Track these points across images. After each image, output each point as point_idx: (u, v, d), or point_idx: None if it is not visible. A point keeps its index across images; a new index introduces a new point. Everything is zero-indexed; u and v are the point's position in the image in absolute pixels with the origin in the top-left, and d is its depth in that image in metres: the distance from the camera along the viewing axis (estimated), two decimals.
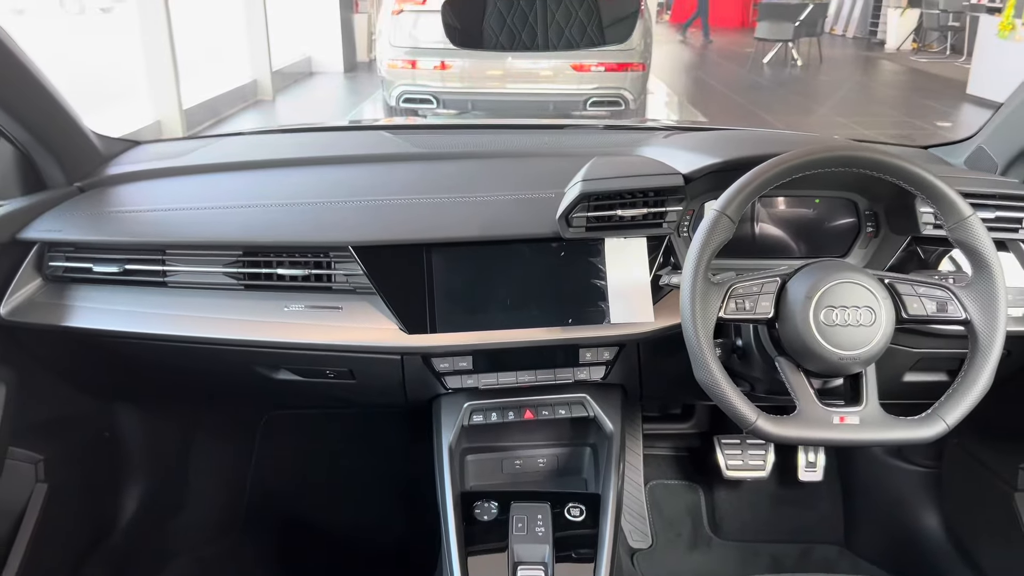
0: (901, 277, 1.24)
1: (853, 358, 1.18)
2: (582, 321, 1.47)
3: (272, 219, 1.50)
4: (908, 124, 8.71)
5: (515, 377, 1.53)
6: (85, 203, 1.56)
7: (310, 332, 1.44)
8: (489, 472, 1.66)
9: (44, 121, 1.47)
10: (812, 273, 1.23)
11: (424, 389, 1.55)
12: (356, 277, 1.47)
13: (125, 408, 1.90)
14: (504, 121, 2.13)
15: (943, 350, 1.50)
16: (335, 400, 1.71)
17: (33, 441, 1.59)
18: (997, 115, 1.64)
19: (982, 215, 1.39)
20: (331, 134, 2.11)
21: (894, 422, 1.20)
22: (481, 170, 1.66)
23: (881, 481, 2.12)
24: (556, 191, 1.49)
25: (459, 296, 1.47)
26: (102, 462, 1.87)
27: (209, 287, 1.49)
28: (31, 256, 1.49)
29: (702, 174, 1.45)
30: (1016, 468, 1.68)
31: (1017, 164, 1.58)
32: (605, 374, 1.55)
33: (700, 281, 1.21)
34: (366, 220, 1.48)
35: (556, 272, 1.48)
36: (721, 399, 1.20)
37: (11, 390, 1.45)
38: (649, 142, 1.72)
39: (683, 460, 2.33)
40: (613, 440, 1.57)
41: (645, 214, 1.46)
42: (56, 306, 1.48)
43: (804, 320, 1.19)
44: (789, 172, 1.22)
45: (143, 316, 1.46)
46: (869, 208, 1.54)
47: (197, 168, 1.69)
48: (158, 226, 1.51)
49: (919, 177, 1.21)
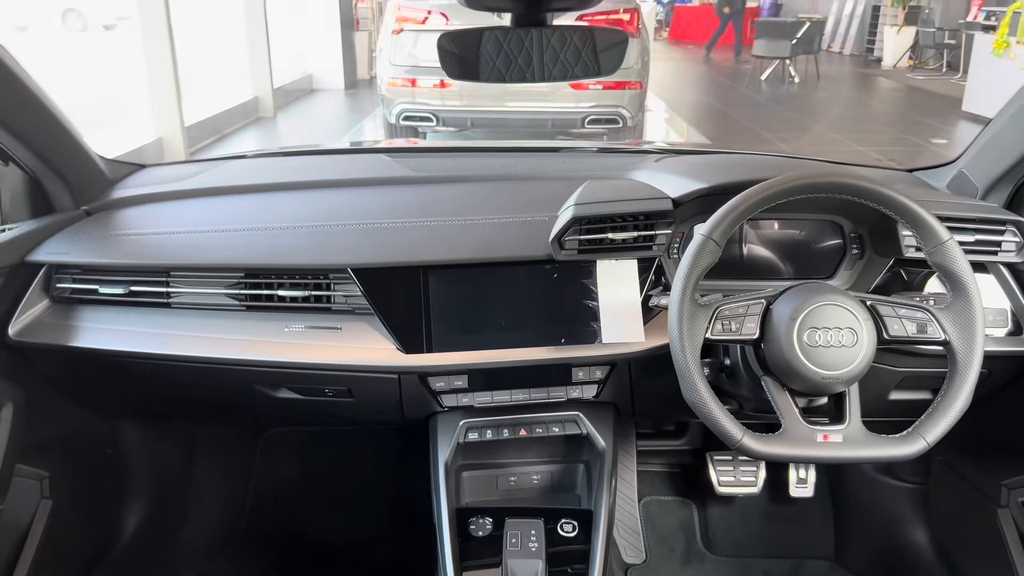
0: (882, 299, 1.29)
1: (836, 378, 1.22)
2: (575, 341, 1.51)
3: (273, 242, 1.54)
4: (904, 141, 8.78)
5: (509, 395, 1.56)
6: (92, 226, 1.60)
7: (310, 352, 1.48)
8: (484, 488, 1.69)
9: (53, 147, 1.52)
10: (796, 295, 1.27)
11: (421, 407, 1.59)
12: (355, 298, 1.51)
13: (128, 425, 1.94)
14: (500, 144, 2.18)
15: (926, 369, 1.53)
16: (334, 418, 1.74)
17: (38, 458, 1.62)
18: (977, 141, 1.68)
19: (962, 238, 1.44)
20: (331, 157, 2.15)
21: (876, 440, 1.24)
22: (477, 193, 1.71)
23: (871, 497, 2.16)
24: (550, 214, 1.53)
25: (455, 316, 1.51)
26: (105, 478, 1.90)
27: (212, 308, 1.53)
28: (39, 278, 1.53)
29: (691, 198, 1.50)
30: (999, 485, 1.72)
31: (997, 188, 1.62)
32: (597, 392, 1.59)
33: (687, 303, 1.25)
34: (365, 243, 1.53)
35: (549, 293, 1.52)
36: (708, 417, 1.24)
37: (18, 408, 1.49)
38: (640, 166, 1.77)
39: (676, 476, 2.36)
40: (605, 457, 1.61)
41: (636, 237, 1.50)
42: (63, 326, 1.52)
43: (788, 341, 1.23)
44: (774, 198, 1.27)
45: (148, 336, 1.50)
46: (854, 231, 1.59)
47: (200, 192, 1.74)
48: (162, 249, 1.55)
49: (898, 203, 1.25)
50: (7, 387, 1.48)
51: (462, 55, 1.16)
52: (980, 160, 1.67)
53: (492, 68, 1.17)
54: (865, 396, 1.30)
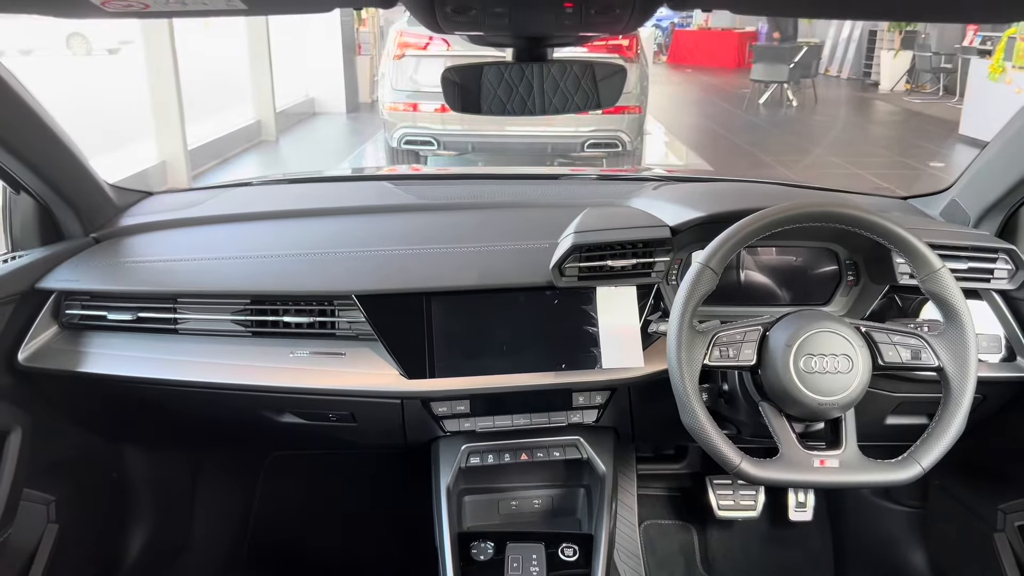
0: (877, 326, 1.31)
1: (832, 404, 1.24)
2: (575, 366, 1.54)
3: (279, 269, 1.57)
4: (902, 164, 8.83)
5: (511, 420, 1.58)
6: (100, 253, 1.63)
7: (314, 377, 1.51)
8: (486, 512, 1.70)
9: (63, 176, 1.55)
10: (792, 322, 1.29)
11: (423, 432, 1.61)
12: (359, 324, 1.53)
13: (133, 449, 1.96)
14: (501, 171, 2.21)
15: (922, 394, 1.55)
16: (337, 442, 1.76)
17: (45, 482, 1.64)
18: (968, 170, 1.72)
19: (954, 266, 1.47)
20: (335, 184, 2.19)
21: (872, 465, 1.26)
22: (479, 221, 1.74)
23: (869, 521, 2.17)
24: (550, 241, 1.56)
25: (457, 342, 1.53)
26: (110, 502, 1.92)
27: (218, 334, 1.56)
28: (48, 304, 1.56)
29: (688, 226, 1.53)
30: (995, 509, 1.73)
31: (989, 217, 1.65)
32: (597, 417, 1.61)
33: (685, 330, 1.28)
34: (369, 270, 1.55)
35: (550, 319, 1.55)
36: (706, 443, 1.26)
37: (27, 433, 1.51)
38: (639, 193, 1.80)
39: (676, 500, 2.37)
40: (605, 481, 1.63)
41: (635, 264, 1.53)
42: (72, 352, 1.54)
43: (785, 367, 1.25)
44: (769, 227, 1.30)
45: (155, 362, 1.53)
46: (849, 258, 1.61)
47: (207, 219, 1.77)
48: (170, 276, 1.58)
49: (891, 232, 1.28)
50: (16, 412, 1.51)
51: (464, 84, 1.19)
52: (972, 189, 1.70)
53: (494, 97, 1.20)
54: (862, 421, 1.32)
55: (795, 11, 1.07)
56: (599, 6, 0.87)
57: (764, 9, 1.03)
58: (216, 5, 0.93)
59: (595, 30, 1.02)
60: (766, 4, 1.01)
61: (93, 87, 13.94)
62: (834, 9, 1.00)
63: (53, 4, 0.95)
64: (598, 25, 0.96)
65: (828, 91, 15.67)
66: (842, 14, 1.05)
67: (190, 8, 0.94)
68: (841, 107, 14.13)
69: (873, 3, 1.00)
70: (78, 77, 15.08)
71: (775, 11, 1.04)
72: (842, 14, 1.05)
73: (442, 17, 0.89)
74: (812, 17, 1.09)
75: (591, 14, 0.90)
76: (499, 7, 0.89)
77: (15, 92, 1.33)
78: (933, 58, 14.05)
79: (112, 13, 0.94)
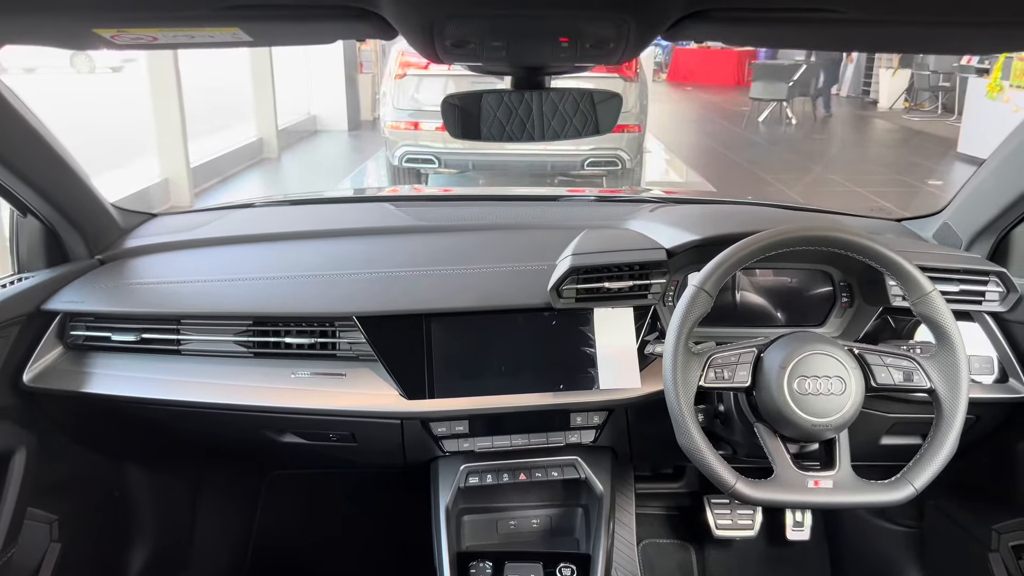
0: (870, 348, 1.33)
1: (826, 425, 1.26)
2: (573, 387, 1.56)
3: (281, 290, 1.59)
4: (900, 182, 8.87)
5: (509, 440, 1.60)
6: (105, 275, 1.65)
7: (315, 398, 1.53)
8: (484, 532, 1.72)
9: (70, 199, 1.58)
10: (786, 344, 1.31)
11: (423, 452, 1.63)
12: (359, 345, 1.55)
13: (135, 468, 1.97)
14: (501, 192, 2.24)
15: (916, 415, 1.57)
16: (337, 461, 1.78)
17: (48, 501, 1.65)
18: (960, 193, 1.74)
19: (946, 288, 1.49)
20: (337, 206, 2.22)
21: (865, 486, 1.27)
22: (478, 242, 1.77)
23: (866, 541, 2.17)
24: (548, 263, 1.59)
25: (456, 363, 1.55)
26: (112, 521, 1.93)
27: (221, 355, 1.58)
28: (54, 326, 1.58)
29: (684, 249, 1.55)
30: (990, 529, 1.74)
31: (980, 239, 1.68)
32: (595, 437, 1.62)
33: (681, 351, 1.30)
34: (369, 291, 1.58)
35: (548, 340, 1.57)
36: (702, 463, 1.28)
37: (31, 453, 1.53)
38: (636, 215, 1.83)
39: (674, 519, 2.38)
40: (603, 501, 1.64)
41: (631, 286, 1.55)
42: (76, 373, 1.56)
43: (779, 389, 1.27)
44: (764, 251, 1.32)
45: (158, 382, 1.55)
46: (843, 280, 1.64)
47: (210, 241, 1.79)
48: (173, 297, 1.60)
49: (883, 255, 1.30)
50: (21, 433, 1.52)
51: (464, 109, 1.22)
52: (963, 212, 1.73)
53: (493, 121, 1.22)
54: (857, 441, 1.34)
55: (789, 44, 1.09)
56: (594, 40, 0.90)
57: (757, 42, 1.06)
58: (222, 38, 0.96)
59: (590, 61, 1.04)
60: (759, 37, 1.04)
61: (96, 105, 14.03)
62: (829, 43, 1.03)
63: (65, 37, 0.98)
64: (593, 57, 0.98)
65: None
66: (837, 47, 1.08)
67: (197, 41, 0.97)
68: (840, 125, 14.20)
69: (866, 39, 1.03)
70: (82, 95, 15.17)
71: (768, 44, 1.06)
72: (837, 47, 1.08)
73: (441, 50, 0.92)
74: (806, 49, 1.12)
75: (586, 47, 0.93)
76: (497, 41, 0.91)
77: (21, 116, 1.36)
78: (931, 77, 14.14)
79: (122, 45, 0.98)
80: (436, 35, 0.87)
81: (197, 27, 0.90)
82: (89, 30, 0.89)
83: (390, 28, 0.86)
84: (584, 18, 0.85)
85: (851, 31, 0.91)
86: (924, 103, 14.92)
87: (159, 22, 0.88)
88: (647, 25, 0.84)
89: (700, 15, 0.81)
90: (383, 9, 0.80)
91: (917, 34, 0.94)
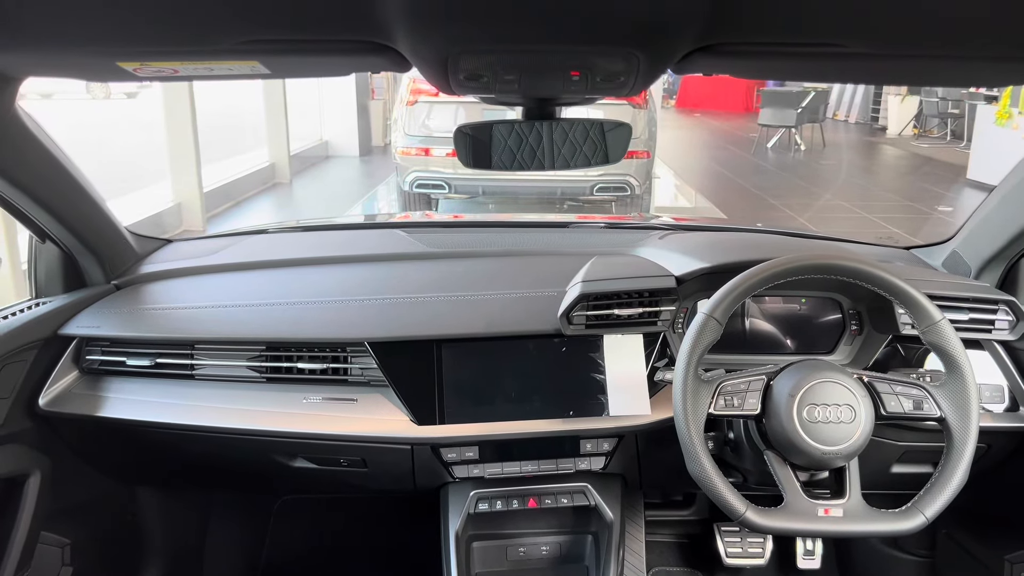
0: (879, 376, 1.33)
1: (835, 453, 1.26)
2: (583, 413, 1.56)
3: (293, 316, 1.61)
4: (910, 208, 8.87)
5: (519, 467, 1.60)
6: (121, 300, 1.68)
7: (327, 423, 1.54)
8: (494, 559, 1.71)
9: (87, 225, 1.60)
10: (796, 372, 1.32)
11: (433, 478, 1.63)
12: (371, 371, 1.57)
13: (146, 492, 1.98)
14: (512, 219, 2.26)
15: (927, 443, 1.57)
16: (347, 486, 1.78)
17: (61, 525, 1.66)
18: (970, 221, 1.75)
19: (955, 317, 1.49)
20: (349, 232, 2.24)
21: (876, 515, 1.27)
22: (489, 269, 1.78)
23: (878, 570, 2.15)
24: (558, 290, 1.60)
25: (467, 389, 1.56)
26: (123, 545, 1.94)
27: (234, 380, 1.59)
28: (70, 350, 1.60)
29: (693, 276, 1.56)
30: (1002, 559, 1.73)
31: (989, 268, 1.68)
32: (605, 464, 1.62)
33: (691, 379, 1.30)
34: (381, 317, 1.59)
35: (558, 367, 1.57)
36: (711, 491, 1.28)
37: (45, 477, 1.54)
38: (646, 242, 1.84)
39: (685, 547, 2.36)
40: (613, 528, 1.64)
41: (641, 313, 1.56)
42: (91, 397, 1.58)
43: (788, 417, 1.27)
44: (772, 279, 1.33)
45: (172, 407, 1.56)
46: (853, 308, 1.64)
47: (224, 267, 1.82)
48: (188, 323, 1.62)
49: (891, 284, 1.31)
50: (36, 456, 1.54)
51: (476, 136, 1.23)
52: (973, 240, 1.73)
53: (504, 149, 1.24)
54: (868, 469, 1.34)
55: (796, 77, 1.11)
56: (604, 74, 0.92)
57: (764, 75, 1.08)
58: (241, 71, 0.98)
59: (601, 94, 1.06)
60: (766, 70, 1.06)
61: (112, 130, 14.21)
62: (835, 76, 1.05)
63: (89, 70, 1.01)
64: (604, 90, 1.00)
65: (836, 135, 15.79)
66: (843, 80, 1.10)
67: (217, 73, 1.00)
68: (849, 151, 14.22)
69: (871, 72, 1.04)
70: (97, 120, 15.37)
71: (775, 77, 1.08)
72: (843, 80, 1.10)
73: (455, 83, 0.94)
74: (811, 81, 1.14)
75: (596, 81, 0.95)
76: (509, 75, 0.93)
77: (40, 143, 1.38)
78: (940, 103, 14.17)
79: (144, 77, 1.00)
80: (450, 69, 0.89)
81: (217, 60, 0.93)
82: (113, 63, 0.92)
83: (405, 62, 0.88)
84: (594, 53, 0.87)
85: (856, 64, 0.93)
86: (933, 130, 14.95)
87: (181, 56, 0.91)
88: (656, 59, 0.86)
89: (708, 49, 0.83)
90: (399, 44, 0.82)
91: (920, 67, 0.95)
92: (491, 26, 0.78)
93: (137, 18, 0.79)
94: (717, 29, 0.78)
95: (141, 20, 0.79)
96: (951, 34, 0.77)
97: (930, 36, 0.78)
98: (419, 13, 0.74)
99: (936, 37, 0.78)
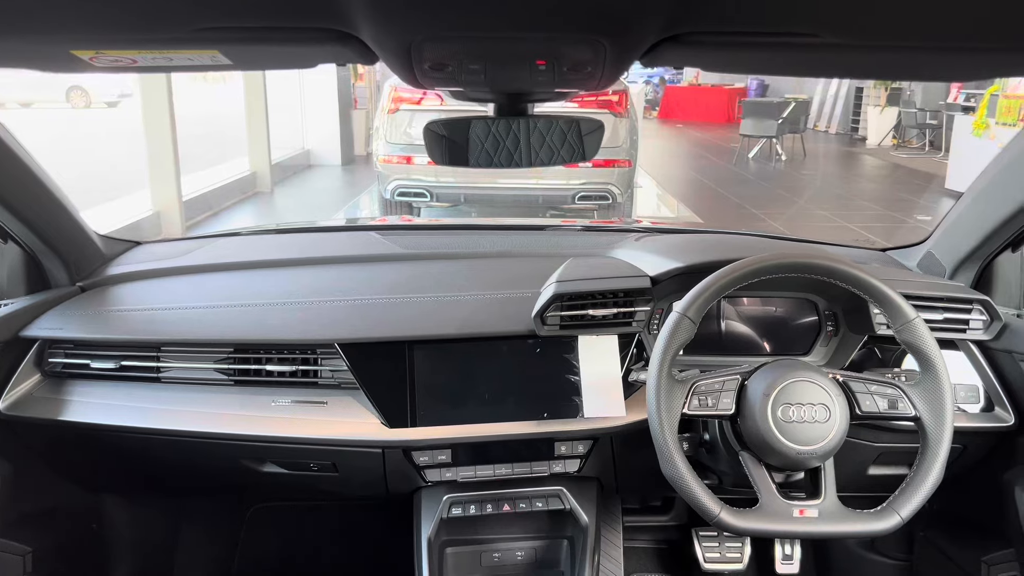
0: (854, 376, 1.32)
1: (811, 453, 1.25)
2: (557, 415, 1.54)
3: (262, 318, 1.58)
4: (889, 217, 8.94)
5: (493, 470, 1.58)
6: (86, 302, 1.64)
7: (296, 426, 1.51)
8: (468, 565, 1.69)
9: (51, 225, 1.57)
10: (770, 372, 1.31)
11: (405, 482, 1.60)
12: (341, 373, 1.54)
13: (112, 499, 1.93)
14: (487, 222, 2.24)
15: (903, 444, 1.56)
16: (319, 492, 1.75)
17: (22, 533, 1.62)
18: (943, 223, 1.75)
19: (930, 316, 1.49)
20: (324, 234, 2.21)
21: (851, 515, 1.26)
22: (463, 270, 1.76)
23: (857, 574, 2.14)
24: (532, 291, 1.58)
25: (439, 391, 1.54)
26: (88, 554, 1.89)
27: (201, 382, 1.56)
28: (32, 353, 1.56)
29: (668, 276, 1.55)
30: (979, 561, 1.72)
31: (964, 268, 1.68)
32: (580, 467, 1.60)
33: (664, 379, 1.29)
34: (352, 318, 1.57)
35: (532, 368, 1.55)
36: (686, 492, 1.26)
37: (5, 482, 1.50)
38: (622, 244, 1.83)
39: (663, 553, 2.34)
40: (588, 533, 1.62)
41: (616, 313, 1.55)
42: (54, 401, 1.54)
43: (763, 416, 1.26)
44: (746, 277, 1.32)
45: (137, 411, 1.53)
46: (828, 308, 1.63)
47: (193, 268, 1.78)
48: (154, 324, 1.59)
49: (865, 282, 1.30)
50: None
51: (451, 137, 1.22)
52: (947, 241, 1.73)
53: (481, 150, 1.22)
54: (844, 471, 1.33)
55: (768, 71, 1.10)
56: (571, 64, 0.90)
57: (735, 68, 1.06)
58: (201, 61, 0.96)
59: (570, 87, 1.05)
60: (736, 62, 1.05)
61: (91, 139, 14.08)
62: (808, 69, 1.04)
63: (43, 59, 0.98)
64: (572, 82, 0.98)
65: (817, 145, 15.91)
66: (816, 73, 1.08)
67: (176, 64, 0.97)
68: (829, 161, 14.34)
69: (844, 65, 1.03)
70: (77, 129, 15.24)
71: (746, 70, 1.07)
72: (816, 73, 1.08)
73: (420, 73, 0.92)
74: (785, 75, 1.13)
75: (564, 71, 0.93)
76: (474, 64, 0.92)
77: (1, 141, 1.35)
78: (918, 114, 14.32)
79: (101, 68, 0.97)
80: (414, 58, 0.87)
81: (175, 50, 0.90)
82: (66, 52, 0.89)
83: (370, 52, 0.86)
84: (560, 41, 0.85)
85: (830, 56, 0.91)
86: (912, 140, 15.10)
87: (136, 44, 0.88)
88: (623, 48, 0.85)
89: (676, 39, 0.81)
90: (362, 32, 0.80)
91: (897, 60, 0.94)
92: (453, 11, 0.76)
93: (88, 2, 0.76)
94: (684, 17, 0.77)
95: (92, 4, 0.77)
96: (931, 23, 0.76)
97: (909, 26, 0.77)
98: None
99: (915, 27, 0.77)
